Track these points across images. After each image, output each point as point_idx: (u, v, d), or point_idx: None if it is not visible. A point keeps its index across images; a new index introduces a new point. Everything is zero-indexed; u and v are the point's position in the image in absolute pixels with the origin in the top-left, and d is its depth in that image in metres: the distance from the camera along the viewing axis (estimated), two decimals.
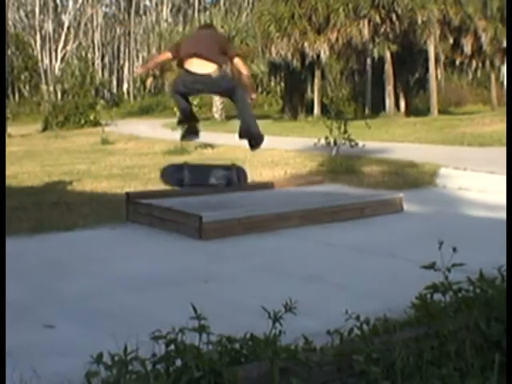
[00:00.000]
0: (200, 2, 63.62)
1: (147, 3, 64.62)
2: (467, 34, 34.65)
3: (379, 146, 14.45)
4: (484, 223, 6.73)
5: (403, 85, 35.51)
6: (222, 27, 36.42)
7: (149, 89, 52.85)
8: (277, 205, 6.86)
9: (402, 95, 35.59)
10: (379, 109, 33.67)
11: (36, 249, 5.74)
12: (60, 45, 56.25)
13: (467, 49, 35.10)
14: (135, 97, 60.07)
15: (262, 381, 2.25)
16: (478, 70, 38.89)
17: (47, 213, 7.34)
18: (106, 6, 65.78)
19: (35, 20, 56.28)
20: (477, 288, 2.90)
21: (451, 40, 35.12)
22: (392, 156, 12.72)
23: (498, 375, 2.42)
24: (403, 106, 35.24)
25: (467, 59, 36.66)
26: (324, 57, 33.08)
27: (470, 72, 39.89)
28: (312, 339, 2.58)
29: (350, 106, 37.46)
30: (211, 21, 36.99)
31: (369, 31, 31.58)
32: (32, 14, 57.10)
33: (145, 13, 64.46)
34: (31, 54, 55.37)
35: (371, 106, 35.13)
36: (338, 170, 10.68)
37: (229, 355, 2.37)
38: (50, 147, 19.36)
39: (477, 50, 35.22)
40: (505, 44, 31.19)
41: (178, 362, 2.27)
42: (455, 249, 2.88)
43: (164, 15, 62.46)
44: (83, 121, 30.68)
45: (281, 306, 2.60)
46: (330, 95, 28.88)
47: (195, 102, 16.60)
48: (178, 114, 7.42)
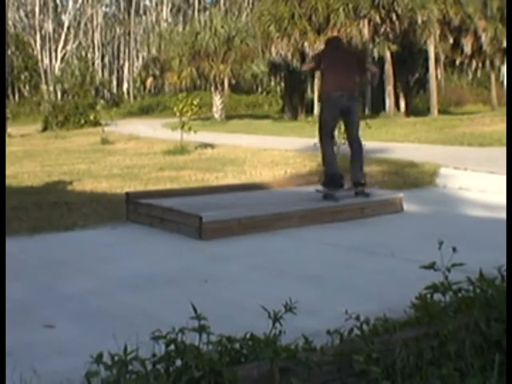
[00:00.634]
0: (200, 2, 63.64)
1: (147, 3, 64.66)
2: (467, 34, 34.67)
3: (379, 146, 14.43)
4: (484, 223, 6.73)
5: (403, 85, 35.52)
6: (222, 27, 36.45)
7: (149, 89, 52.83)
8: (277, 205, 6.85)
9: (402, 95, 35.60)
10: (379, 109, 33.67)
11: (36, 249, 5.74)
12: (60, 45, 56.29)
13: (467, 49, 35.12)
14: (135, 97, 60.08)
15: (262, 381, 2.25)
16: (478, 70, 38.92)
17: (47, 213, 7.34)
18: (106, 6, 65.85)
19: (35, 20, 56.30)
20: (477, 288, 2.90)
21: (451, 40, 35.15)
22: (392, 156, 12.72)
23: (498, 375, 2.42)
24: (403, 106, 35.25)
25: (467, 59, 36.68)
26: None
27: (470, 72, 39.92)
28: (312, 339, 2.58)
29: None
30: (211, 21, 37.06)
31: (369, 31, 31.58)
32: (32, 14, 57.12)
33: (145, 13, 64.48)
34: (31, 54, 55.38)
35: (371, 106, 35.14)
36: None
37: (229, 355, 2.37)
38: (50, 147, 19.36)
39: (477, 50, 35.24)
40: (505, 44, 31.20)
41: (178, 362, 2.27)
42: (455, 249, 2.87)
43: (164, 15, 62.49)
44: (83, 121, 30.69)
45: (281, 306, 2.59)
46: None
47: (195, 102, 16.63)
48: (324, 175, 6.86)
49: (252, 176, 10.51)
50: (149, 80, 48.51)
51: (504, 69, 34.09)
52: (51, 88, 51.63)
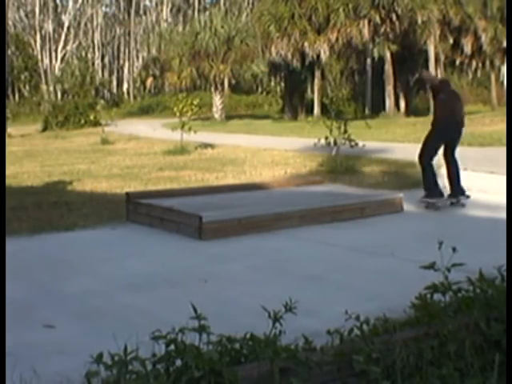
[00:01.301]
0: (200, 2, 63.63)
1: (147, 3, 64.64)
2: (467, 34, 34.66)
3: (379, 146, 14.45)
4: (484, 223, 6.73)
5: (403, 85, 35.50)
6: (222, 27, 36.44)
7: (149, 89, 52.80)
8: (277, 205, 6.86)
9: (402, 95, 35.59)
10: (379, 109, 33.68)
11: (36, 249, 5.74)
12: (60, 45, 56.28)
13: (467, 49, 35.11)
14: (135, 97, 60.08)
15: (262, 381, 2.25)
16: (478, 70, 38.88)
17: (47, 213, 7.34)
18: (106, 6, 65.85)
19: (35, 20, 56.28)
20: (477, 288, 2.90)
21: (451, 40, 35.14)
22: (392, 156, 12.72)
23: (498, 375, 2.42)
24: (403, 106, 35.24)
25: (467, 59, 36.66)
26: (324, 57, 33.08)
27: (470, 72, 39.87)
28: (312, 339, 2.58)
29: (350, 106, 37.46)
30: (211, 21, 37.01)
31: (369, 31, 31.59)
32: (32, 14, 57.10)
33: (145, 13, 64.46)
34: (31, 54, 55.36)
35: (371, 106, 35.16)
36: (338, 170, 10.68)
37: (229, 355, 2.37)
38: (50, 147, 19.37)
39: (477, 50, 35.22)
40: (505, 44, 31.18)
41: (178, 362, 2.27)
42: (455, 249, 2.88)
43: (164, 15, 62.47)
44: (83, 121, 30.69)
45: (281, 306, 2.59)
46: (330, 95, 28.83)
47: (195, 102, 16.64)
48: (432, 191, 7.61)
49: (252, 176, 10.51)
50: (149, 80, 48.50)
51: (504, 69, 34.07)
52: (51, 88, 51.63)
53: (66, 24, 57.80)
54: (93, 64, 57.98)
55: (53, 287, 4.51)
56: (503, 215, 6.31)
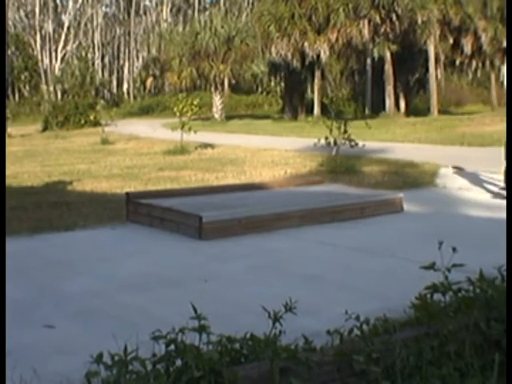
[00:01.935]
0: (200, 2, 63.65)
1: (147, 3, 64.65)
2: (467, 34, 34.65)
3: (379, 146, 14.45)
4: (484, 223, 6.73)
5: (403, 85, 35.51)
6: (222, 27, 36.44)
7: (149, 89, 52.82)
8: (277, 205, 6.86)
9: (402, 95, 35.59)
10: (379, 109, 33.67)
11: (36, 249, 5.74)
12: (60, 45, 56.28)
13: (467, 49, 35.10)
14: (135, 97, 60.08)
15: (262, 381, 2.25)
16: (478, 70, 38.89)
17: (47, 213, 7.34)
18: (106, 6, 65.83)
19: (35, 20, 56.29)
20: (477, 288, 2.89)
21: (451, 40, 35.12)
22: (392, 156, 12.72)
23: (498, 375, 2.42)
24: (403, 106, 35.25)
25: (467, 59, 36.66)
26: (324, 57, 33.09)
27: (470, 72, 39.89)
28: (312, 339, 2.58)
29: (350, 106, 37.52)
30: (211, 21, 37.02)
31: (369, 31, 31.58)
32: (32, 14, 57.10)
33: (145, 13, 64.47)
34: (31, 54, 55.38)
35: (371, 106, 35.14)
36: (338, 170, 10.68)
37: (229, 355, 2.37)
38: (50, 147, 19.37)
39: (477, 50, 35.22)
40: (505, 44, 31.18)
41: (178, 362, 2.27)
42: (455, 249, 2.88)
43: (164, 15, 62.48)
44: (83, 121, 30.70)
45: (281, 306, 2.60)
46: (330, 95, 28.87)
47: (195, 102, 16.65)
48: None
49: (252, 176, 10.51)
50: (149, 80, 48.53)
51: (504, 69, 34.07)
52: (51, 88, 51.65)
53: (66, 24, 57.80)
54: (93, 64, 57.97)
55: (53, 287, 4.51)
56: (503, 215, 6.31)
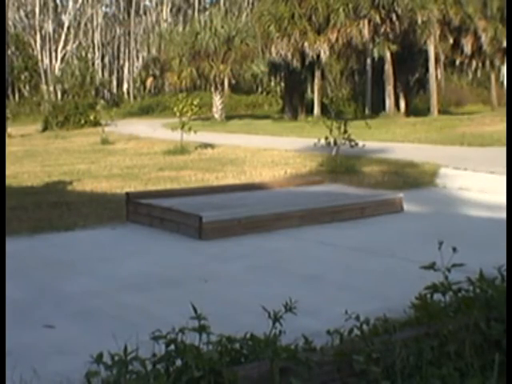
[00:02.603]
0: (200, 2, 63.61)
1: (147, 3, 64.61)
2: (467, 34, 34.66)
3: (379, 146, 14.44)
4: (484, 223, 6.73)
5: (403, 85, 35.51)
6: (222, 27, 36.43)
7: (149, 89, 52.78)
8: (277, 205, 6.86)
9: (402, 95, 35.59)
10: (379, 109, 33.66)
11: (36, 249, 5.74)
12: (60, 45, 56.24)
13: (467, 49, 35.10)
14: (135, 97, 60.04)
15: (262, 381, 2.25)
16: (478, 70, 38.89)
17: (47, 213, 7.34)
18: (106, 6, 65.78)
19: (35, 20, 56.25)
20: (477, 288, 2.90)
21: (451, 40, 35.13)
22: (392, 156, 12.71)
23: (498, 375, 2.42)
24: (403, 106, 35.24)
25: (467, 59, 36.67)
26: (324, 57, 33.07)
27: (470, 72, 39.89)
28: (312, 339, 2.58)
29: (350, 106, 37.54)
30: (211, 21, 37.02)
31: (369, 31, 31.57)
32: (32, 14, 57.06)
33: (145, 13, 64.43)
34: (31, 54, 55.34)
35: (371, 106, 35.13)
36: (338, 170, 10.67)
37: (229, 355, 2.37)
38: (50, 147, 19.36)
39: (477, 50, 35.22)
40: (505, 44, 31.19)
41: (178, 362, 2.27)
42: (455, 249, 2.88)
43: (164, 15, 62.45)
44: (83, 121, 30.67)
45: (281, 306, 2.60)
46: (330, 95, 28.89)
47: (195, 102, 16.64)
48: None
49: (252, 176, 10.51)
50: (149, 80, 48.49)
51: (504, 69, 34.08)
52: (51, 88, 51.61)
53: (66, 24, 57.76)
54: (93, 64, 57.93)
55: (53, 287, 4.51)
56: (503, 215, 6.31)
